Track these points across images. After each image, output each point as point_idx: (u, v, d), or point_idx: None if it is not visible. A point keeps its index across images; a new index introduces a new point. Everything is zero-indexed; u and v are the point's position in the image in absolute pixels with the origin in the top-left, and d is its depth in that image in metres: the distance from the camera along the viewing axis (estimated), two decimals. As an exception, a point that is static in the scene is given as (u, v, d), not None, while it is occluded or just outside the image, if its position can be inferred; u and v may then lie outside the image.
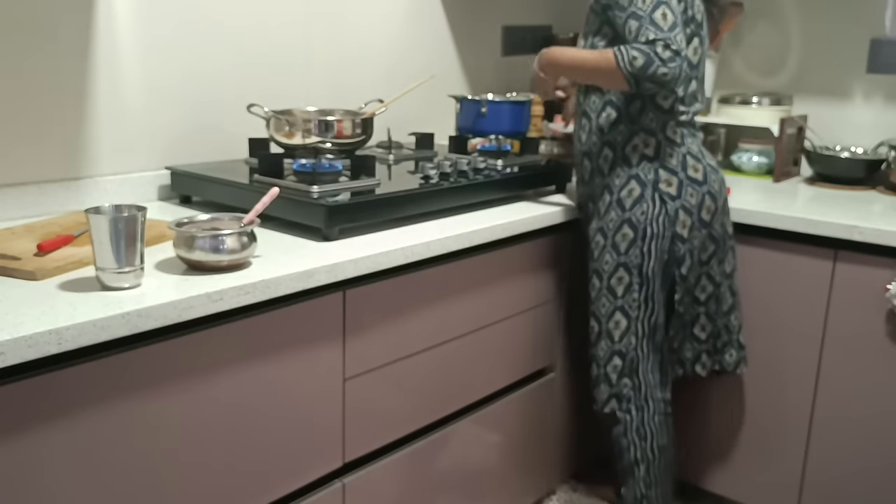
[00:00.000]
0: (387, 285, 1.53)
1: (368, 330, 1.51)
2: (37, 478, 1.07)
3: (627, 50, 1.58)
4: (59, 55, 1.61)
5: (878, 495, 1.93)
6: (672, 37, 1.56)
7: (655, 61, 1.55)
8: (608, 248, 1.80)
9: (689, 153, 1.77)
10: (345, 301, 1.45)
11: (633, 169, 1.77)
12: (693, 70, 1.76)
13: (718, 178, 1.81)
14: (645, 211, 1.75)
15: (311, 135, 1.71)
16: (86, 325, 1.05)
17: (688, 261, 1.77)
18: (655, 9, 1.59)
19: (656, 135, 1.76)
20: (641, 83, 1.58)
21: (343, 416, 1.50)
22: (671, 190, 1.75)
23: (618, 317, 1.81)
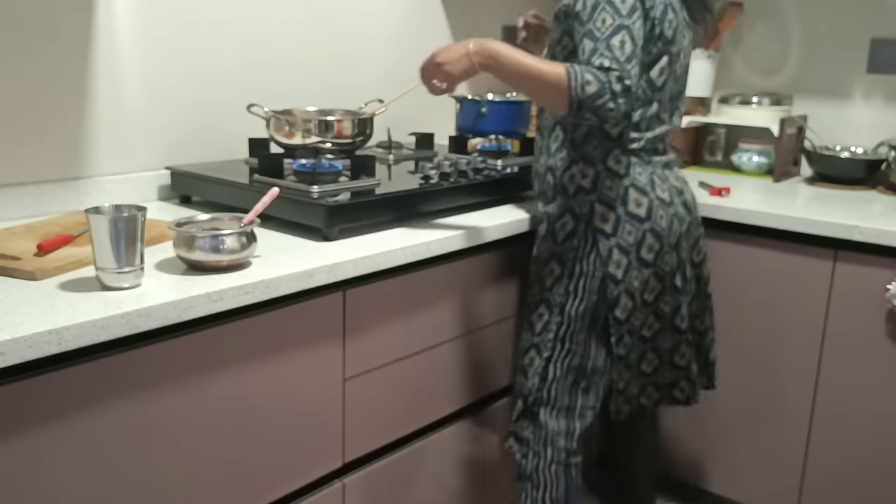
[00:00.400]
0: (387, 285, 1.53)
1: (368, 330, 1.51)
2: (37, 478, 1.07)
3: (582, 72, 1.41)
4: (59, 55, 1.61)
5: (878, 495, 1.93)
6: (628, 70, 1.41)
7: (607, 94, 1.40)
8: (535, 280, 1.68)
9: (634, 185, 1.59)
10: (345, 301, 1.45)
11: (570, 200, 1.62)
12: (656, 93, 1.59)
13: (669, 213, 1.61)
14: (575, 248, 1.61)
15: (311, 135, 1.71)
16: (86, 325, 1.05)
17: (624, 302, 1.60)
18: (615, 34, 1.44)
19: (595, 165, 1.60)
20: (583, 112, 1.42)
21: (343, 416, 1.50)
22: (606, 227, 1.58)
23: (532, 354, 1.68)
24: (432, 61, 1.53)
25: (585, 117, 1.43)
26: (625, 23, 1.44)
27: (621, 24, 1.44)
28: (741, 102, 2.50)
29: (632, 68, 1.42)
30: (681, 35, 1.60)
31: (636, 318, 1.62)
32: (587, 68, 1.41)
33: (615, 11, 1.45)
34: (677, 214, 1.64)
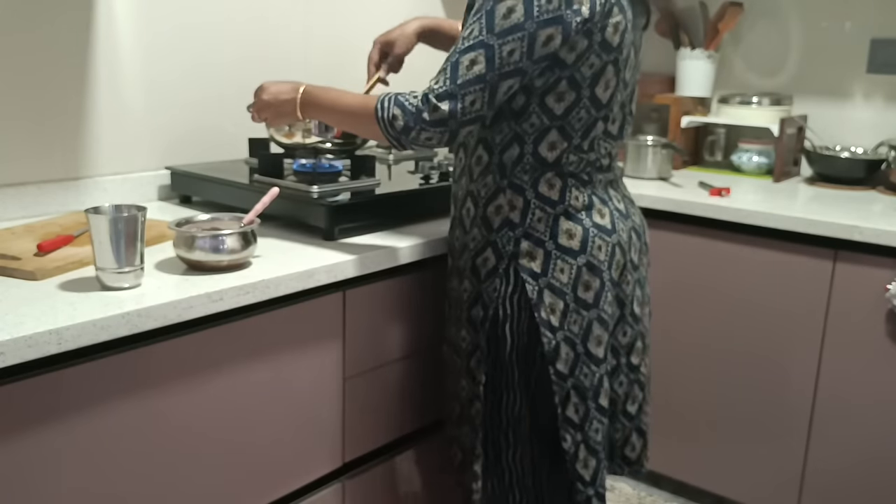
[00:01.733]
0: (387, 285, 1.53)
1: (368, 330, 1.51)
2: (37, 478, 1.07)
3: (390, 105, 1.27)
4: (59, 55, 1.61)
5: (878, 495, 1.93)
6: (460, 94, 1.23)
7: (417, 125, 1.25)
8: (464, 323, 1.45)
9: (566, 213, 1.35)
10: (345, 301, 1.45)
11: (492, 235, 1.39)
12: (602, 110, 1.33)
13: (609, 242, 1.37)
14: (497, 287, 1.38)
15: (311, 135, 1.71)
16: (86, 325, 1.05)
17: (566, 353, 1.36)
18: (472, 50, 1.23)
19: (525, 192, 1.36)
20: (406, 146, 1.29)
21: (343, 416, 1.50)
22: (534, 266, 1.35)
23: (477, 406, 1.45)
24: (259, 96, 1.41)
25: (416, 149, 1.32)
26: (489, 42, 1.22)
27: (485, 41, 1.23)
28: (741, 102, 2.50)
29: (469, 93, 1.23)
30: (630, 34, 1.34)
31: (583, 374, 1.38)
32: (398, 99, 1.27)
33: (488, 25, 1.23)
34: (620, 243, 1.40)
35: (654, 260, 2.18)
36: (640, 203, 2.15)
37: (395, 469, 1.65)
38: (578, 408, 1.39)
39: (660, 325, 2.20)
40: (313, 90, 1.38)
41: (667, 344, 2.19)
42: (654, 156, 2.36)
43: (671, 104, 2.55)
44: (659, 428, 2.24)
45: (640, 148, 2.37)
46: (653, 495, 2.32)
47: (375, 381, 1.55)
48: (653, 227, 2.16)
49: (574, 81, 1.29)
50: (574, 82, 1.29)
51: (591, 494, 1.42)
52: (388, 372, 1.58)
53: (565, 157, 1.34)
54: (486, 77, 1.23)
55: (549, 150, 1.34)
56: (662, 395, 2.23)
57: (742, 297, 2.05)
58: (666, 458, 2.25)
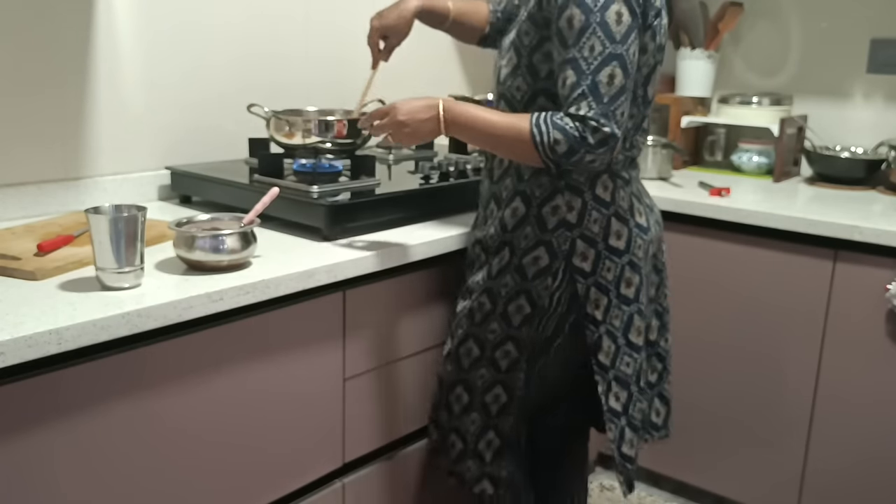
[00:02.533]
0: (387, 285, 1.53)
1: (368, 330, 1.51)
2: (37, 478, 1.07)
3: (549, 128, 1.26)
4: (59, 55, 1.61)
5: (878, 495, 1.93)
6: (611, 111, 1.25)
7: (582, 149, 1.25)
8: (496, 317, 1.47)
9: (617, 214, 1.42)
10: (345, 301, 1.45)
11: (547, 234, 1.41)
12: (647, 107, 1.43)
13: (646, 240, 1.46)
14: (549, 286, 1.42)
15: (311, 135, 1.71)
16: (86, 325, 1.05)
17: (608, 346, 1.44)
18: (604, 65, 1.25)
19: (583, 194, 1.40)
20: (563, 167, 1.31)
21: (343, 416, 1.50)
22: (585, 265, 1.41)
23: (497, 391, 1.51)
24: (394, 117, 1.35)
25: (569, 170, 1.35)
26: (617, 51, 1.25)
27: (613, 52, 1.25)
28: (741, 102, 2.50)
29: (618, 107, 1.26)
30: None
31: (624, 363, 1.46)
32: (555, 122, 1.26)
33: (608, 37, 1.25)
34: (652, 240, 1.50)
35: (654, 260, 2.18)
36: (640, 203, 2.15)
37: (396, 469, 1.65)
38: (620, 396, 1.46)
39: (660, 325, 2.20)
40: (454, 107, 1.35)
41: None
42: (654, 156, 2.36)
43: (671, 104, 2.55)
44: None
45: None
46: (653, 495, 2.32)
47: (376, 381, 1.55)
48: (653, 227, 2.16)
49: (634, 82, 1.33)
50: (634, 83, 1.33)
51: (634, 470, 1.51)
52: (389, 372, 1.58)
53: (616, 155, 1.39)
54: (627, 85, 1.27)
55: None
56: (662, 395, 2.22)
57: (742, 297, 2.05)
58: (666, 458, 2.25)
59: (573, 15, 1.26)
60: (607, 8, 1.25)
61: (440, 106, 1.35)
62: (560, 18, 1.28)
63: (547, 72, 1.36)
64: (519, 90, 1.41)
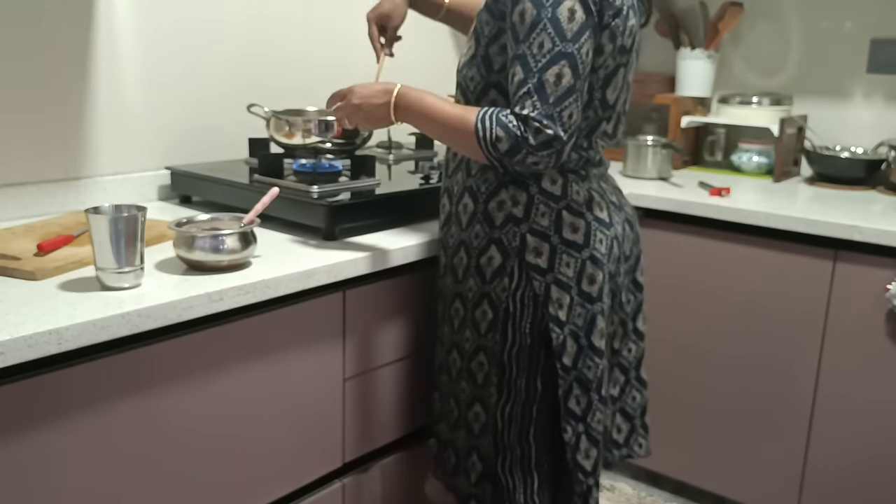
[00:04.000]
0: (387, 285, 1.53)
1: (368, 330, 1.51)
2: (37, 478, 1.07)
3: (493, 125, 1.22)
4: (59, 55, 1.61)
5: (878, 495, 1.93)
6: (556, 113, 1.19)
7: (523, 149, 1.21)
8: (468, 323, 1.42)
9: (569, 208, 1.35)
10: (345, 301, 1.45)
11: (496, 231, 1.37)
12: (607, 111, 1.36)
13: (608, 235, 1.38)
14: (507, 287, 1.36)
15: (311, 135, 1.71)
16: (86, 325, 1.05)
17: (570, 347, 1.36)
18: (552, 64, 1.20)
19: (528, 188, 1.35)
20: (508, 168, 1.25)
21: (343, 416, 1.50)
22: (540, 262, 1.34)
23: (476, 409, 1.45)
24: (350, 100, 1.36)
25: (517, 172, 1.30)
26: (567, 49, 1.20)
27: (563, 50, 1.20)
28: (741, 102, 2.50)
29: (564, 109, 1.20)
30: (637, 36, 1.38)
31: (586, 366, 1.38)
32: (500, 119, 1.22)
33: (558, 34, 1.20)
34: (617, 237, 1.42)
35: (654, 260, 2.18)
36: (639, 203, 2.16)
37: (395, 469, 1.65)
38: (580, 399, 1.39)
39: (659, 324, 2.20)
40: (408, 93, 1.33)
41: (666, 344, 2.19)
42: (654, 156, 2.36)
43: (671, 104, 2.55)
44: (659, 427, 2.24)
45: (640, 148, 2.37)
46: (653, 495, 2.32)
47: (375, 381, 1.55)
48: (653, 227, 2.16)
49: (590, 84, 1.28)
50: (589, 85, 1.28)
51: (591, 484, 1.42)
52: (389, 372, 1.58)
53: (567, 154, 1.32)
54: (576, 86, 1.21)
55: None
56: (662, 395, 2.22)
57: (742, 298, 2.05)
58: (666, 458, 2.25)
59: (525, 9, 1.21)
60: (559, 4, 1.20)
61: (395, 91, 1.33)
62: (514, 12, 1.24)
63: (501, 65, 1.31)
64: (472, 80, 1.36)
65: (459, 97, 1.40)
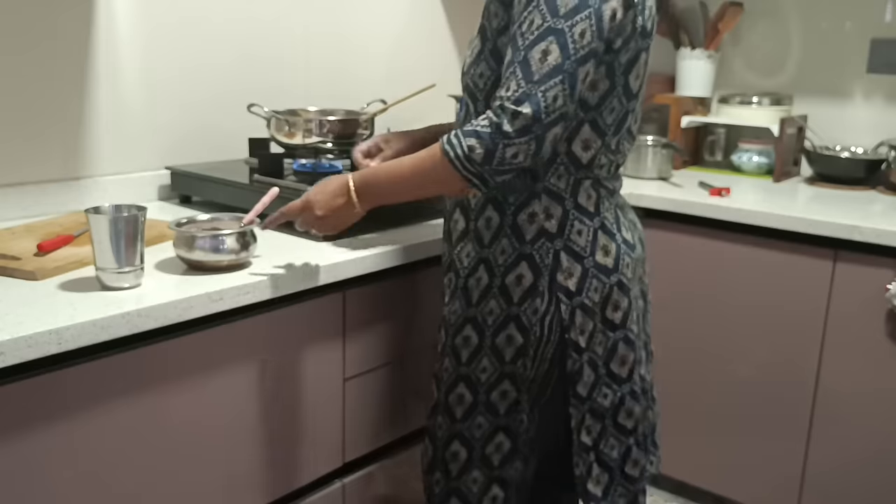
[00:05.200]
0: (387, 285, 1.53)
1: (368, 330, 1.51)
2: (37, 478, 1.07)
3: (461, 139, 1.12)
4: (59, 55, 1.61)
5: (877, 495, 1.93)
6: (538, 92, 1.09)
7: (500, 142, 1.10)
8: (486, 351, 1.30)
9: (603, 227, 1.26)
10: (345, 301, 1.45)
11: (526, 247, 1.25)
12: (632, 101, 1.26)
13: (634, 258, 1.30)
14: (538, 309, 1.25)
15: (311, 135, 1.71)
16: (86, 325, 1.05)
17: (588, 376, 1.27)
18: (540, 41, 1.10)
19: (564, 202, 1.24)
20: (490, 180, 1.14)
21: (343, 416, 1.50)
22: (570, 284, 1.24)
23: (500, 439, 1.33)
24: (312, 213, 1.26)
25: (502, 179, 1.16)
26: (557, 25, 1.10)
27: (552, 26, 1.10)
28: (741, 102, 2.50)
29: (549, 89, 1.10)
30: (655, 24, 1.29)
31: (601, 395, 1.29)
32: (466, 130, 1.13)
33: (550, 9, 1.11)
34: (639, 259, 1.33)
35: (654, 260, 2.18)
36: (640, 203, 2.16)
37: (395, 469, 1.65)
38: (592, 429, 1.30)
39: (659, 325, 2.20)
40: (363, 175, 1.25)
41: (666, 344, 2.19)
42: (654, 156, 2.36)
43: (671, 104, 2.55)
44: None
45: (640, 148, 2.37)
46: (653, 495, 2.32)
47: (375, 381, 1.55)
48: (653, 226, 2.16)
49: (611, 68, 1.20)
50: (611, 69, 1.20)
51: None
52: (389, 372, 1.58)
53: (598, 158, 1.25)
54: (564, 66, 1.10)
55: (583, 149, 1.23)
56: (662, 396, 2.22)
57: (742, 297, 2.05)
58: (666, 458, 2.25)
59: None
60: None
61: (350, 185, 1.24)
62: None
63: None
64: (482, 77, 1.26)
65: (467, 101, 1.30)
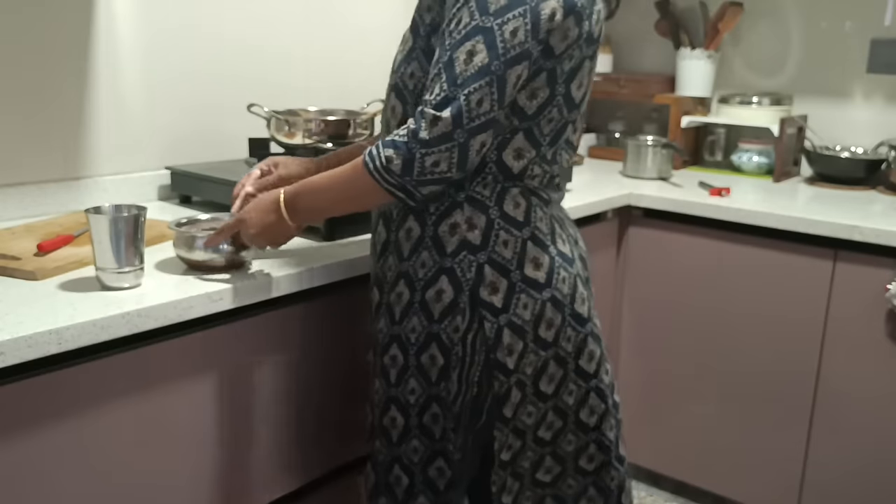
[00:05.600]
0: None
1: (368, 331, 1.51)
2: (37, 478, 1.07)
3: (380, 149, 1.06)
4: (59, 55, 1.61)
5: (877, 495, 1.93)
6: (460, 95, 1.02)
7: (417, 150, 1.03)
8: (412, 371, 1.21)
9: (534, 238, 1.16)
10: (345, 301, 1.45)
11: (447, 260, 1.16)
12: (573, 111, 1.17)
13: (572, 272, 1.20)
14: (459, 327, 1.16)
15: (312, 135, 1.71)
16: (86, 325, 1.05)
17: (515, 397, 1.19)
18: (466, 40, 1.03)
19: (488, 210, 1.15)
20: (415, 193, 1.08)
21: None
22: (495, 300, 1.14)
23: (439, 463, 1.25)
24: (246, 231, 1.20)
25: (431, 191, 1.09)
26: (486, 24, 1.03)
27: (480, 25, 1.03)
28: (741, 102, 2.50)
29: (472, 93, 1.03)
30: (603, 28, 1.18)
31: (525, 413, 1.21)
32: (386, 141, 1.07)
33: (479, 7, 1.04)
34: (579, 274, 1.22)
35: (654, 260, 2.18)
36: (639, 203, 2.16)
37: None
38: (513, 446, 1.22)
39: (659, 325, 2.21)
40: (294, 191, 1.18)
41: (666, 344, 2.19)
42: (654, 156, 2.36)
43: (671, 104, 2.55)
44: (659, 427, 2.25)
45: (640, 148, 2.37)
46: (653, 495, 2.32)
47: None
48: (653, 227, 2.16)
49: (553, 76, 1.11)
50: (552, 77, 1.11)
51: None
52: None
53: (531, 168, 1.16)
54: (491, 67, 1.03)
55: (514, 158, 1.14)
56: (662, 396, 2.23)
57: (742, 297, 2.05)
58: (666, 458, 2.25)
59: None
60: None
61: (280, 200, 1.18)
62: None
63: None
64: (412, 77, 1.17)
65: (396, 100, 1.21)
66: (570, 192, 2.07)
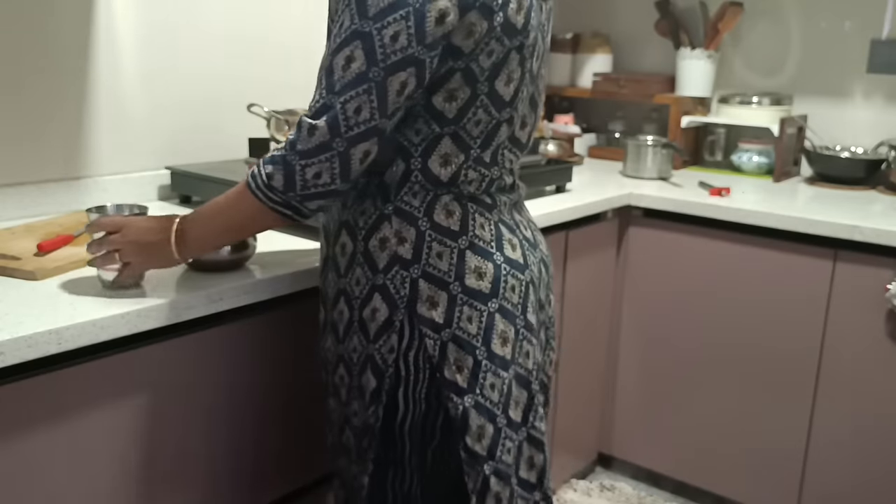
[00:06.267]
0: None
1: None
2: (37, 478, 1.07)
3: (260, 166, 1.02)
4: (59, 55, 1.61)
5: (877, 495, 1.93)
6: (336, 104, 0.98)
7: (295, 164, 0.99)
8: (355, 393, 1.15)
9: (473, 247, 1.09)
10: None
11: (379, 276, 1.10)
12: (505, 110, 1.08)
13: (524, 279, 1.13)
14: (395, 347, 1.09)
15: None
16: (86, 325, 1.05)
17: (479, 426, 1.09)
18: (345, 46, 0.98)
19: (418, 221, 1.09)
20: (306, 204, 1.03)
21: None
22: (435, 315, 1.08)
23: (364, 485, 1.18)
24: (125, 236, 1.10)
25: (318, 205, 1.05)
26: (364, 28, 0.97)
27: (358, 29, 0.97)
28: (741, 102, 2.50)
29: (349, 101, 0.98)
30: (536, 16, 1.08)
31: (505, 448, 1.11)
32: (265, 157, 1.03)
33: (359, 10, 0.98)
34: (533, 281, 1.15)
35: (654, 260, 2.18)
36: (639, 203, 2.16)
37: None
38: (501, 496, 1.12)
39: (659, 325, 2.21)
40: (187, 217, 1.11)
41: (666, 344, 2.19)
42: (654, 156, 2.36)
43: (671, 104, 2.55)
44: (659, 427, 2.25)
45: (640, 148, 2.37)
46: (653, 495, 2.32)
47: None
48: (653, 227, 2.16)
49: (470, 74, 1.04)
50: (470, 76, 1.04)
51: None
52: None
53: (463, 174, 1.09)
54: (369, 74, 0.98)
55: (441, 165, 1.08)
56: (662, 395, 2.23)
57: (742, 298, 2.05)
58: (666, 458, 2.25)
59: None
60: None
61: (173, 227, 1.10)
62: None
63: None
64: None
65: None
66: (571, 193, 2.08)
